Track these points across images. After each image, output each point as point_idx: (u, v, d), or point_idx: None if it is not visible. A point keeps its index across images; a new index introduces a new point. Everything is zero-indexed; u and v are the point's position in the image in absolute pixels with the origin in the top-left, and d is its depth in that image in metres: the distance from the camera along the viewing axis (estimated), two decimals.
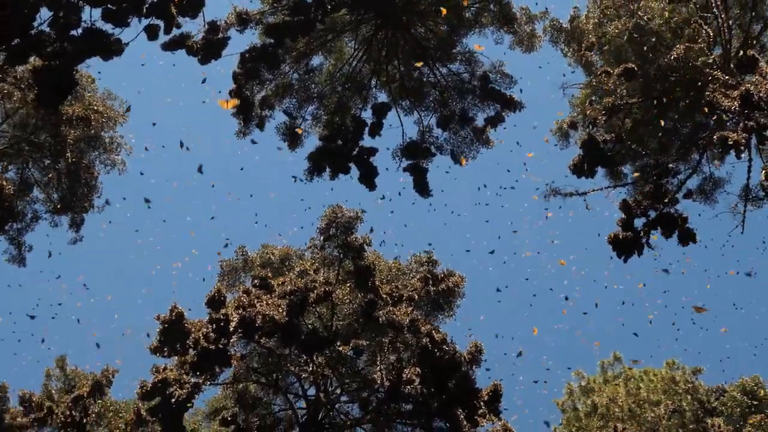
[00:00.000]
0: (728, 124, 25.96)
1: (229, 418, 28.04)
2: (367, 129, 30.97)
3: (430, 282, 29.09)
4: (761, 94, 22.89)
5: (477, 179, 42.78)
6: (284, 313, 25.85)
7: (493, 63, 31.81)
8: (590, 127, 26.93)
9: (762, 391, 30.84)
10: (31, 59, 24.26)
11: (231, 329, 25.82)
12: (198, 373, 25.87)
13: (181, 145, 29.55)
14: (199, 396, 25.92)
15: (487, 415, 26.66)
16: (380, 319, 26.53)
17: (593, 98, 29.26)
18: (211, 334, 25.57)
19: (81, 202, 30.72)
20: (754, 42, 29.26)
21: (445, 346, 26.76)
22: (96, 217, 32.31)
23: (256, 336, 26.63)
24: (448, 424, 26.58)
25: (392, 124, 31.74)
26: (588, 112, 28.34)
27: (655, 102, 26.50)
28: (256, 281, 27.89)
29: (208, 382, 27.18)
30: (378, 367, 27.64)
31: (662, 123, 25.64)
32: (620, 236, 26.00)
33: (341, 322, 28.48)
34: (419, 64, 31.23)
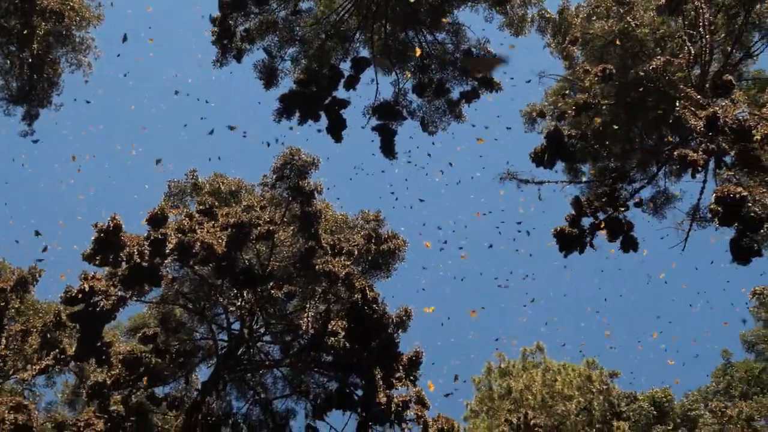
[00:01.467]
0: (691, 143, 26.07)
1: (149, 337, 27.69)
2: (343, 81, 30.51)
3: (373, 240, 28.83)
4: (727, 120, 22.86)
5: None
6: (223, 244, 25.54)
7: (478, 39, 31.48)
8: (558, 119, 26.80)
9: (668, 405, 31.41)
10: None
11: (167, 250, 25.38)
12: (126, 287, 25.43)
13: (124, 38, 28.52)
14: (124, 310, 25.54)
15: (404, 380, 26.75)
16: (317, 268, 26.29)
17: (567, 92, 29.17)
18: (146, 251, 25.09)
19: (39, 96, 29.85)
20: (733, 68, 29.46)
21: (375, 305, 26.63)
22: (51, 115, 31.55)
23: (191, 261, 26.26)
24: (363, 381, 26.70)
25: (369, 83, 31.69)
26: (559, 104, 28.25)
27: (626, 108, 26.49)
28: (201, 207, 27.43)
29: (135, 298, 26.80)
30: (306, 314, 27.20)
31: (630, 131, 25.66)
32: (566, 231, 26.05)
33: (278, 264, 28.06)
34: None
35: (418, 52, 30.12)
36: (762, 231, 23.81)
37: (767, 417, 30.92)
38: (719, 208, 22.54)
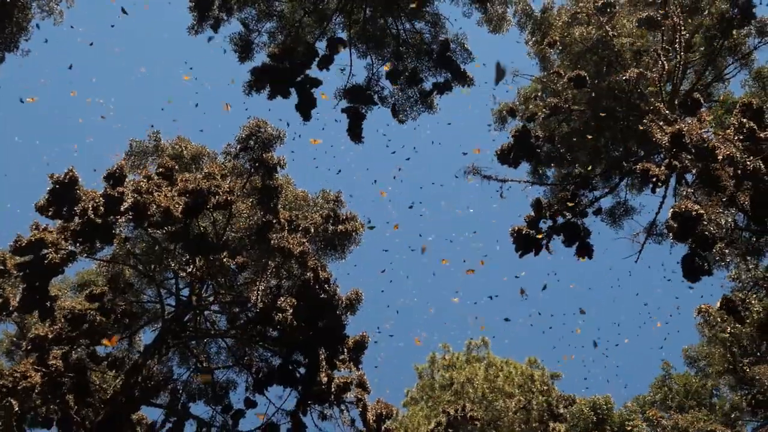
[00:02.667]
0: (656, 158, 26.01)
1: (95, 295, 27.02)
2: (317, 60, 30.02)
3: (331, 220, 28.75)
4: (693, 138, 22.71)
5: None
6: (180, 209, 24.93)
7: (456, 33, 31.23)
8: (528, 120, 26.59)
9: (608, 412, 31.51)
10: None
11: (122, 209, 24.74)
12: (77, 242, 24.79)
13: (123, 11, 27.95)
14: (72, 265, 24.87)
15: (348, 363, 26.55)
16: (272, 242, 25.90)
17: (540, 94, 29.01)
18: (101, 208, 24.43)
19: (7, 40, 28.89)
20: (704, 89, 29.51)
21: (326, 285, 26.37)
22: (17, 60, 30.67)
23: (145, 223, 25.62)
24: (307, 360, 26.41)
25: (344, 68, 31.28)
26: (530, 105, 28.06)
27: (596, 116, 26.35)
28: (161, 170, 26.76)
29: (85, 255, 26.14)
30: (256, 288, 26.53)
31: (598, 140, 25.53)
32: (523, 231, 25.92)
33: (233, 234, 27.69)
34: None
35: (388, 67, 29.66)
36: (714, 250, 23.73)
37: (701, 430, 31.34)
38: (675, 224, 22.43)
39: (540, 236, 24.97)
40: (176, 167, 27.16)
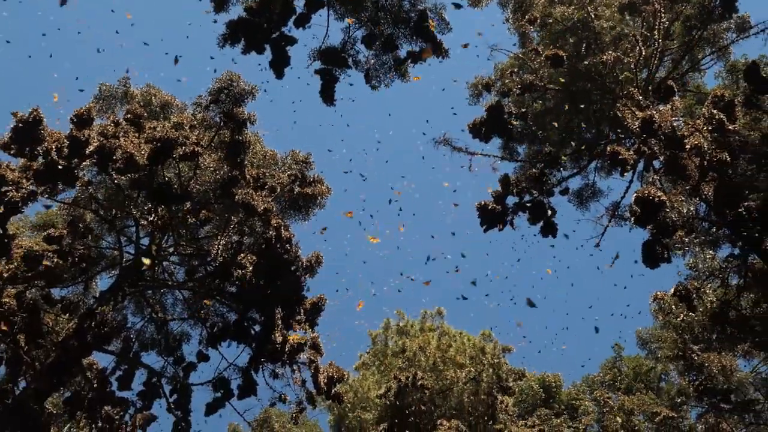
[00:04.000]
0: (626, 142, 25.85)
1: (54, 237, 26.40)
2: (294, 18, 29.30)
3: (298, 181, 28.33)
4: (663, 125, 22.72)
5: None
6: (145, 157, 24.28)
7: (435, 3, 30.72)
8: (503, 96, 26.28)
9: (557, 390, 31.79)
10: None
11: (87, 152, 24.09)
12: (39, 182, 24.08)
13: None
14: (32, 205, 24.12)
15: (303, 324, 26.34)
16: (237, 198, 25.39)
17: (516, 70, 28.58)
18: (66, 149, 23.81)
19: None
20: (679, 78, 29.31)
21: (288, 246, 26.14)
22: None
23: (109, 168, 24.97)
24: (263, 318, 26.18)
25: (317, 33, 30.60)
26: (506, 81, 27.65)
27: (571, 97, 26.08)
28: (129, 116, 26.05)
29: (46, 196, 25.46)
30: (218, 242, 26.46)
31: (570, 120, 25.26)
32: (489, 207, 25.51)
33: (198, 187, 26.91)
34: None
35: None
36: (674, 238, 23.69)
37: (646, 413, 31.70)
38: (638, 209, 22.50)
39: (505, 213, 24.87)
40: (145, 114, 26.52)
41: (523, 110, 26.93)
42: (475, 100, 29.35)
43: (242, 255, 25.84)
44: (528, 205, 25.54)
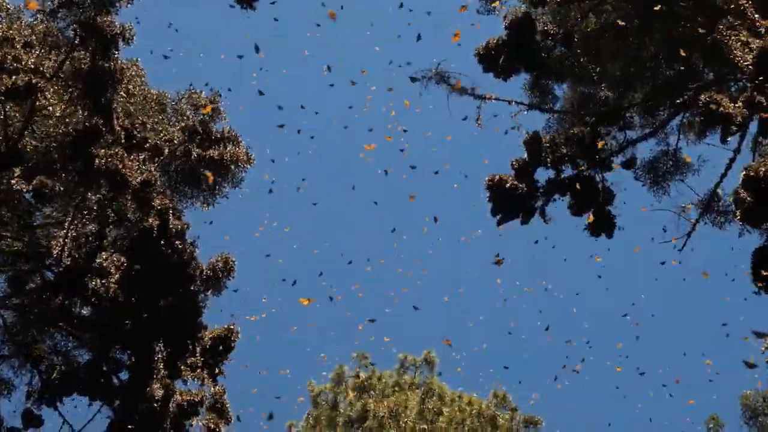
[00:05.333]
0: (731, 87, 23.11)
1: None
2: None
3: (198, 139, 24.18)
4: None
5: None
6: None
7: None
8: (533, 4, 23.54)
9: None
10: None
11: None
12: None
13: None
14: None
15: (200, 369, 23.11)
16: (98, 161, 21.33)
17: None
18: None
19: None
20: None
21: (178, 242, 21.88)
22: None
23: None
24: (134, 359, 22.09)
25: None
26: None
27: (645, 9, 23.24)
28: None
29: None
30: (64, 233, 22.25)
31: (641, 46, 22.15)
32: (507, 184, 22.42)
33: (37, 144, 23.12)
34: None
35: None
36: None
37: None
38: (747, 195, 20.22)
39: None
40: None
41: (567, 29, 23.14)
42: (489, 9, 26.07)
43: (104, 255, 22.51)
44: (569, 182, 22.76)
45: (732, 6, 22.67)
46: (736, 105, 20.87)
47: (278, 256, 27.60)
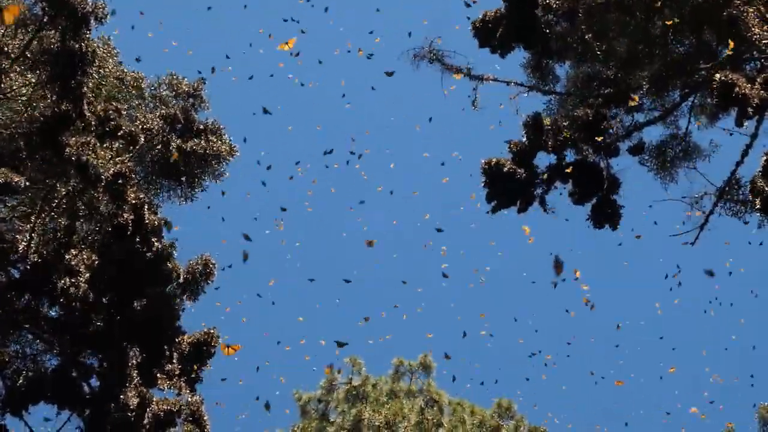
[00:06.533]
0: (747, 65, 21.36)
1: None
2: None
3: (179, 128, 22.95)
4: None
5: None
6: None
7: None
8: None
9: None
10: None
11: None
12: None
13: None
14: None
15: (177, 378, 21.67)
16: (68, 151, 20.22)
17: None
18: None
19: None
20: None
21: (154, 239, 20.64)
22: None
23: None
24: (106, 365, 20.55)
25: None
26: None
27: None
28: None
29: None
30: (30, 228, 21.26)
31: (650, 21, 20.77)
32: (505, 169, 21.16)
33: (1, 130, 21.68)
34: None
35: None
36: None
37: None
38: (766, 185, 19.33)
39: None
40: None
41: (570, 2, 21.87)
42: None
43: (74, 252, 21.09)
44: (571, 169, 21.60)
45: None
46: (754, 86, 19.92)
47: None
